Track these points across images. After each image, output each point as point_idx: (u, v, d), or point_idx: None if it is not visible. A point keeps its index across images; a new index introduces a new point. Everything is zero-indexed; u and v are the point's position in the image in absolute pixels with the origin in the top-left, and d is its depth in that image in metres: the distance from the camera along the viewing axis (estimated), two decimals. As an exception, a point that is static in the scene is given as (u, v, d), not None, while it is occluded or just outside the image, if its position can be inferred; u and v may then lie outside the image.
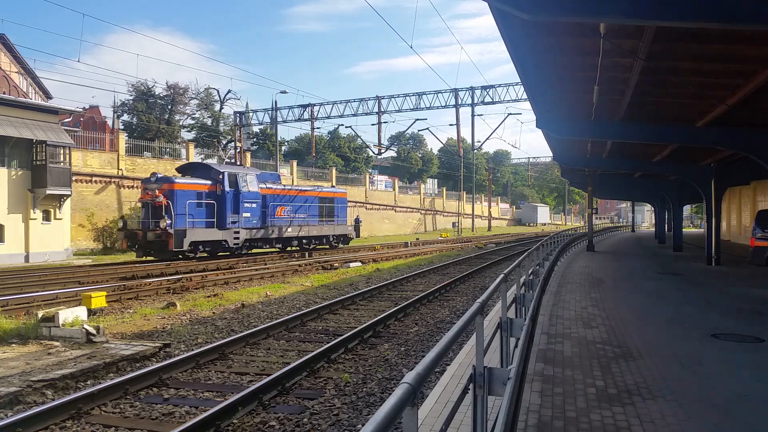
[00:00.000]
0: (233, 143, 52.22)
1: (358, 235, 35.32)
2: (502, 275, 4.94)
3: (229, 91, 69.51)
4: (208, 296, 13.93)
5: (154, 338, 9.21)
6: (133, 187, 39.83)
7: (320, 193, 32.46)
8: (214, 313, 11.82)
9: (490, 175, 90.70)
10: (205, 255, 24.56)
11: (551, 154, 31.30)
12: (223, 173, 25.19)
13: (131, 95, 62.84)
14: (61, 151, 28.60)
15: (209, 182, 24.73)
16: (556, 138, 19.79)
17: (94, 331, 8.58)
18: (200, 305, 12.56)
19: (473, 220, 72.00)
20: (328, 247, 32.46)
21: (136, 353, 7.89)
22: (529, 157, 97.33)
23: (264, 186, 27.47)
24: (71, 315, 9.28)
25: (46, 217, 27.81)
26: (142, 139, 50.15)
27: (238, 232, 25.27)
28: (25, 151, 27.34)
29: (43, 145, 27.41)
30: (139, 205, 24.45)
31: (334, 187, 38.05)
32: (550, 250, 14.87)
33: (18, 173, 26.95)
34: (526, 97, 23.63)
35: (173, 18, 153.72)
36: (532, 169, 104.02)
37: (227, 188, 24.97)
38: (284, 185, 30.79)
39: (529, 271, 8.22)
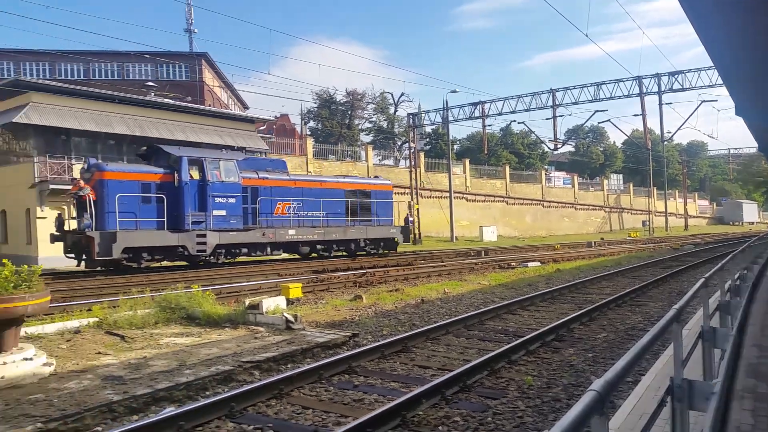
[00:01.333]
0: (407, 144, 53.75)
1: (407, 239, 28.12)
2: (702, 279, 4.53)
3: (402, 94, 71.73)
4: (390, 291, 14.56)
5: (344, 328, 9.87)
6: (319, 187, 42.96)
7: (347, 185, 25.31)
8: (396, 307, 12.34)
9: (685, 168, 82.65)
10: (158, 265, 19.89)
11: (756, 144, 27.66)
12: (180, 158, 19.64)
13: (315, 103, 67.59)
14: (258, 156, 31.71)
15: (161, 170, 19.65)
16: (761, 126, 17.49)
17: (292, 319, 9.44)
18: (384, 299, 13.18)
19: (666, 219, 66.21)
20: (364, 254, 25.46)
21: (329, 341, 8.52)
22: (729, 149, 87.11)
23: (252, 176, 21.58)
24: (273, 304, 10.31)
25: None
26: (327, 143, 53.70)
27: (203, 236, 19.67)
28: (231, 157, 30.75)
29: (243, 151, 30.61)
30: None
31: (377, 177, 30.27)
32: (759, 251, 13.19)
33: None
34: (721, 82, 21.12)
35: (349, 28, 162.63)
36: (734, 162, 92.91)
37: (186, 178, 19.45)
38: (291, 175, 23.75)
39: (735, 276, 7.40)
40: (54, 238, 18.62)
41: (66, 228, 19.12)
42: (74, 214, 19.22)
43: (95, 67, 53.91)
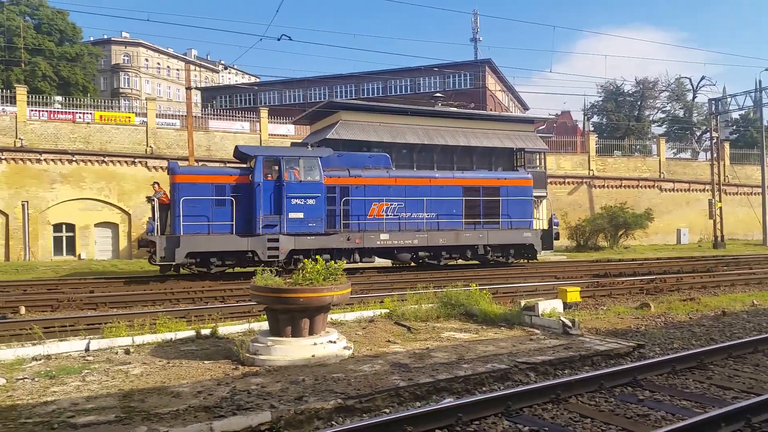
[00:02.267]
0: (708, 133, 47.38)
1: (548, 245, 22.75)
2: None
3: (702, 78, 63.67)
4: (684, 300, 13.06)
5: (627, 337, 9.18)
6: (603, 186, 40.61)
7: (466, 181, 21.50)
8: (690, 318, 11.01)
9: None
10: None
11: None
12: (256, 158, 18.79)
13: (600, 96, 64.10)
14: (537, 157, 31.39)
15: (238, 172, 18.99)
16: None
17: (569, 324, 9.14)
18: (675, 309, 11.88)
19: None
20: (494, 262, 21.90)
21: (610, 350, 8.03)
22: None
23: (341, 174, 19.74)
24: (549, 306, 10.12)
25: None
26: (612, 139, 50.52)
27: (276, 240, 18.42)
28: (508, 159, 31.08)
29: (522, 152, 30.62)
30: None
31: (518, 170, 25.60)
32: None
33: (504, 179, 30.79)
34: None
35: (639, 12, 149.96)
36: None
37: (259, 178, 18.42)
38: (390, 171, 20.92)
39: None
40: (140, 243, 19.40)
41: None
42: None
43: (392, 83, 59.87)
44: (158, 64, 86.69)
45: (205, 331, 8.99)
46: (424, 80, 59.22)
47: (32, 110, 32.93)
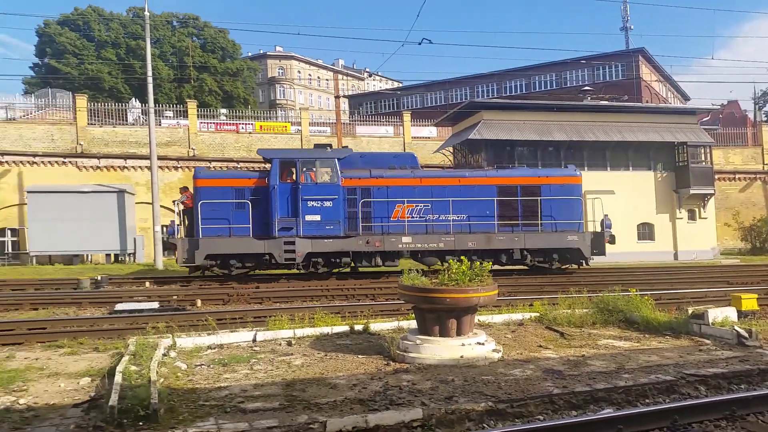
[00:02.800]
0: None
1: (600, 250, 19.83)
2: None
3: None
4: None
5: (818, 352, 8.08)
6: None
7: (502, 180, 19.88)
8: None
9: None
10: (246, 271, 18.94)
11: None
12: (272, 160, 18.70)
13: (778, 81, 57.19)
14: (702, 151, 28.80)
15: (257, 175, 19.00)
16: None
17: (745, 334, 8.25)
18: None
19: None
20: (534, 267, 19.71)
21: (797, 366, 7.12)
22: None
23: (361, 175, 19.07)
24: (720, 315, 9.20)
25: (691, 217, 28.61)
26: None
27: (292, 243, 18.22)
28: (668, 154, 28.83)
29: (684, 146, 28.20)
30: None
31: (564, 168, 22.38)
32: None
33: (663, 175, 28.67)
34: None
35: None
36: None
37: (275, 181, 18.32)
38: (415, 171, 19.84)
39: None
40: (164, 245, 19.90)
41: None
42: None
43: (535, 79, 58.16)
44: (309, 75, 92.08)
45: (358, 327, 9.38)
46: (571, 74, 56.70)
47: (201, 123, 36.48)
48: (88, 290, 16.49)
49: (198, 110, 36.51)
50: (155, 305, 12.91)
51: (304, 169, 18.53)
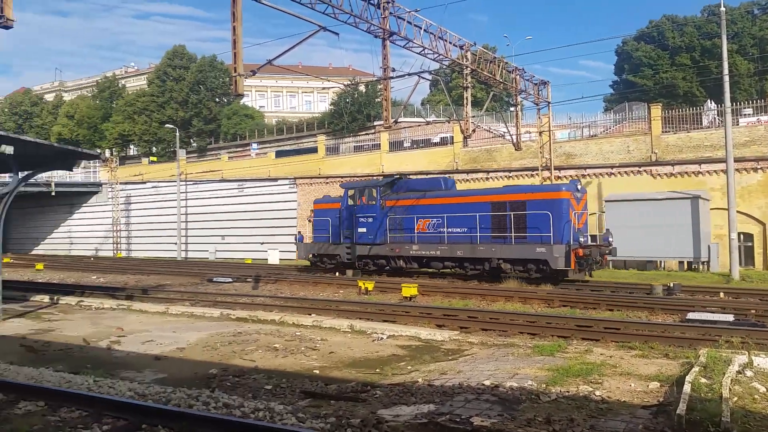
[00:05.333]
0: None
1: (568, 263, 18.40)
2: None
3: None
4: None
5: None
6: None
7: (495, 197, 21.80)
8: None
9: None
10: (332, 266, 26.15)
11: None
12: (344, 189, 26.44)
13: None
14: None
15: (340, 200, 26.73)
16: None
17: None
18: None
19: None
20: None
21: None
22: None
23: (397, 197, 24.50)
24: None
25: None
26: None
27: (349, 248, 25.35)
28: None
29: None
30: None
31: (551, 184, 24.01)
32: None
33: None
34: None
35: None
36: None
37: (344, 204, 26.07)
38: (437, 192, 23.76)
39: None
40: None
41: None
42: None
43: None
44: None
45: None
46: None
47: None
48: (660, 296, 16.67)
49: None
50: (729, 318, 12.00)
51: (359, 195, 25.71)
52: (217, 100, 62.02)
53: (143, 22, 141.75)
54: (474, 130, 26.43)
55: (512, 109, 34.86)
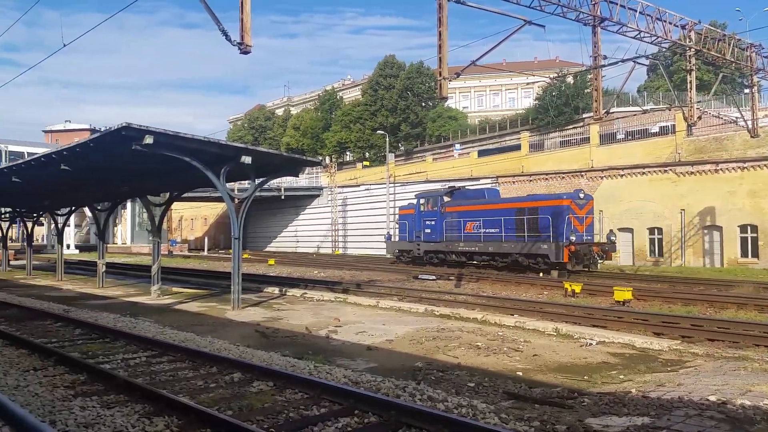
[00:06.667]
0: None
1: (561, 258, 24.24)
2: None
3: None
4: None
5: None
6: None
7: (516, 204, 28.49)
8: None
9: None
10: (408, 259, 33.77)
11: None
12: (417, 198, 33.92)
13: None
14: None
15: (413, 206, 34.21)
16: None
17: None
18: None
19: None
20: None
21: None
22: None
23: (452, 205, 31.18)
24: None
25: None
26: None
27: (419, 245, 32.31)
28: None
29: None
30: None
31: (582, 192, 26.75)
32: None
33: None
34: None
35: None
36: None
37: (418, 209, 32.94)
38: (481, 200, 30.97)
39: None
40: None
41: None
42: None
43: None
44: None
45: None
46: None
47: None
48: None
49: None
50: None
51: (425, 202, 32.82)
52: (423, 104, 64.10)
53: (358, 36, 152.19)
54: (700, 117, 23.70)
55: (747, 91, 30.49)
